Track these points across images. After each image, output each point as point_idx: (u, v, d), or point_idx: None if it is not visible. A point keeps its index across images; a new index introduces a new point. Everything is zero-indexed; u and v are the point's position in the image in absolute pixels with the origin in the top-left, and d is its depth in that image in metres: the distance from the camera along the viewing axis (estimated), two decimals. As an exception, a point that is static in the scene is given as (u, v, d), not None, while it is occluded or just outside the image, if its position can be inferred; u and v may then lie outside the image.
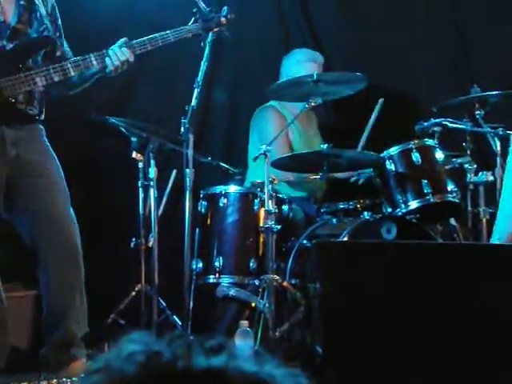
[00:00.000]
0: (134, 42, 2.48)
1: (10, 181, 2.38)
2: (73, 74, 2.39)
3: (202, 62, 2.85)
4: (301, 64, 3.43)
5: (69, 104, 3.17)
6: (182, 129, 2.69)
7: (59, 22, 2.56)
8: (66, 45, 2.58)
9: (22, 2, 2.38)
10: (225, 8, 2.65)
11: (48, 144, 2.50)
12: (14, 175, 2.38)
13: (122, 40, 2.47)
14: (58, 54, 2.53)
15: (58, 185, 2.45)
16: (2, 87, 2.29)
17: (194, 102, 2.72)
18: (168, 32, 2.55)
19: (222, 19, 2.63)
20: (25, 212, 2.41)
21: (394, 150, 3.11)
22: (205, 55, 2.88)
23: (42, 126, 2.50)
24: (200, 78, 2.84)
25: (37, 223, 2.40)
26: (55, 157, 2.50)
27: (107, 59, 2.43)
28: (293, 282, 2.94)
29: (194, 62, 2.83)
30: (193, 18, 2.61)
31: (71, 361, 2.43)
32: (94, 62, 2.43)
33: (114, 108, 3.49)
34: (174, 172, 3.30)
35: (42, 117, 2.49)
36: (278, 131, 3.13)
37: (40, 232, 2.40)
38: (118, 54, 2.43)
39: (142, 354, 0.70)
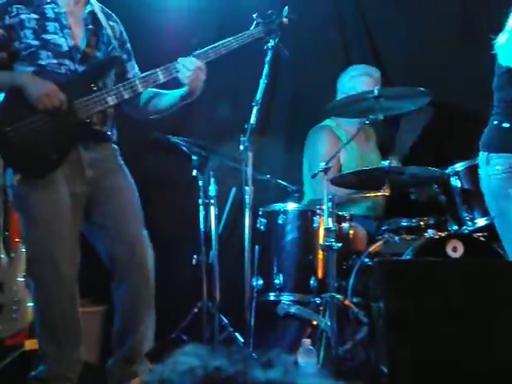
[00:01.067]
0: (197, 52, 2.45)
1: (90, 201, 2.43)
2: (141, 89, 2.41)
3: (261, 81, 2.86)
4: (355, 79, 3.40)
5: (131, 123, 3.25)
6: (242, 147, 2.70)
7: (128, 45, 2.60)
8: (136, 68, 2.60)
9: (89, 27, 2.43)
10: (286, 8, 2.61)
11: (123, 163, 2.53)
12: (93, 195, 2.42)
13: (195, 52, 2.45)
14: (129, 75, 2.55)
15: (132, 205, 2.47)
16: (76, 109, 2.34)
17: (253, 120, 2.73)
18: (231, 38, 2.52)
19: (284, 20, 2.59)
20: (101, 230, 2.44)
21: (459, 166, 3.03)
22: (264, 74, 2.89)
23: (116, 146, 2.54)
24: (259, 96, 2.86)
25: (111, 241, 2.43)
26: (130, 177, 2.52)
27: (178, 73, 2.40)
28: (355, 300, 2.88)
29: (252, 80, 2.84)
30: (254, 23, 2.58)
31: (132, 377, 2.45)
32: (161, 76, 2.42)
33: (175, 127, 3.54)
34: (234, 190, 3.32)
35: (115, 137, 2.53)
36: (329, 152, 3.10)
37: (114, 250, 2.43)
38: (186, 63, 2.41)
39: (201, 368, 0.69)
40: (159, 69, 2.45)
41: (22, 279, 2.94)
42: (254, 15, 2.57)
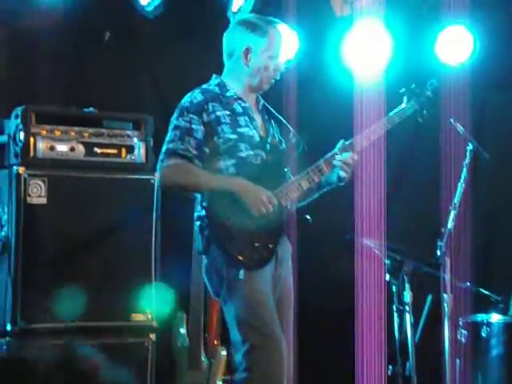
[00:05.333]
0: (348, 142, 2.40)
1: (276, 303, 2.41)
2: (327, 171, 2.41)
3: (459, 184, 2.77)
4: None
5: (323, 226, 3.30)
6: (439, 252, 2.60)
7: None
8: None
9: (266, 117, 2.52)
10: (432, 81, 2.50)
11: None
12: (276, 297, 2.40)
13: (340, 142, 2.42)
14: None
15: (291, 304, 2.45)
16: (279, 198, 2.37)
17: (450, 224, 2.63)
18: (391, 114, 2.45)
19: (428, 93, 2.49)
20: None
21: None
22: (462, 177, 2.81)
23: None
24: (457, 199, 2.76)
25: None
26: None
27: (337, 168, 2.39)
28: None
29: (445, 182, 2.77)
30: (404, 98, 2.48)
31: None
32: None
33: (366, 229, 3.52)
34: (430, 297, 3.17)
35: None
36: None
37: None
38: (346, 158, 2.38)
39: None
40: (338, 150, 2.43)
41: (221, 383, 2.99)
42: (401, 90, 2.48)
